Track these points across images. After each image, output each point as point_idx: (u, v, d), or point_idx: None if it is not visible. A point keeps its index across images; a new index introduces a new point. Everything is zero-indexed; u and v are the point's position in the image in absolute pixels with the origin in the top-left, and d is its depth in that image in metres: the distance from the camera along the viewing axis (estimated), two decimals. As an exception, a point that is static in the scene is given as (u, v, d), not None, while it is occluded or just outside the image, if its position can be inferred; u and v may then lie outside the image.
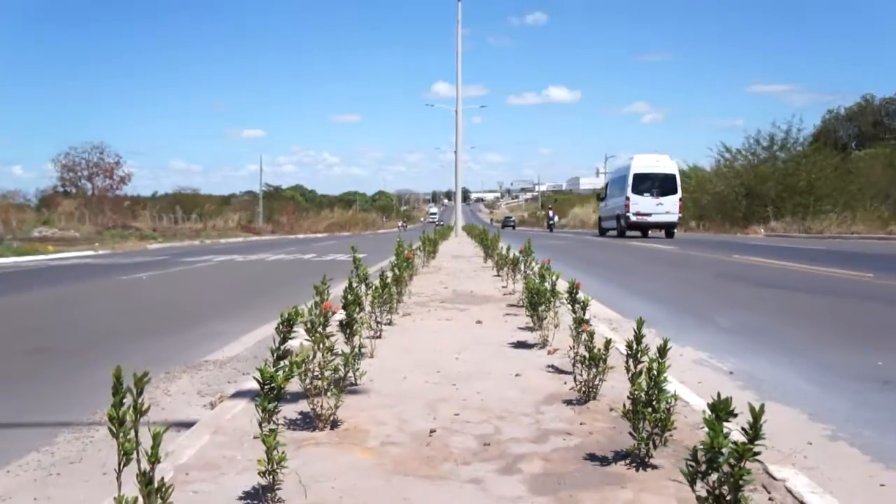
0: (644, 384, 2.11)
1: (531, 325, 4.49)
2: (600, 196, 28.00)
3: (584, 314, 3.26)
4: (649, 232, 22.36)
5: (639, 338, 2.24)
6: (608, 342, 2.82)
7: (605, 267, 12.39)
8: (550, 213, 41.28)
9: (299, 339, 3.50)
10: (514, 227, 60.35)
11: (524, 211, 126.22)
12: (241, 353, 4.68)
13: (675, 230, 21.65)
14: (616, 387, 3.10)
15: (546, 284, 4.32)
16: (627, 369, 2.25)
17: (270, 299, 7.94)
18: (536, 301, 4.19)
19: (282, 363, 1.93)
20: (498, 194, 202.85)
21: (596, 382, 2.93)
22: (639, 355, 2.23)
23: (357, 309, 3.36)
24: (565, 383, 3.29)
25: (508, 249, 7.95)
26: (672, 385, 3.11)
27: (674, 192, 20.46)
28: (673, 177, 20.69)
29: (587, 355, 2.90)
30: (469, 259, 13.49)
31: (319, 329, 2.63)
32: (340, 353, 2.97)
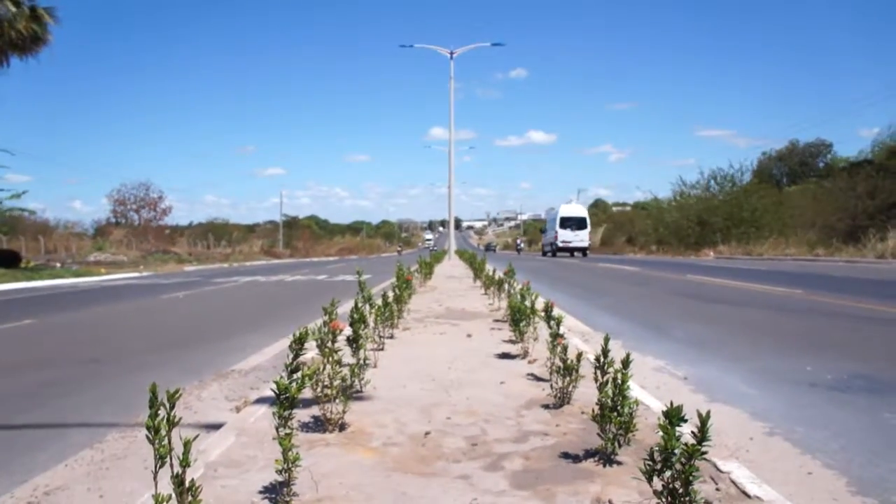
0: (610, 391, 2.10)
1: (514, 338, 4.47)
2: (542, 230, 36.70)
3: (558, 329, 3.26)
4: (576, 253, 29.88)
5: (605, 351, 2.24)
6: (580, 355, 2.81)
7: (577, 285, 12.39)
8: (519, 241, 50.90)
9: (312, 353, 3.48)
10: (494, 250, 69.76)
11: (508, 237, 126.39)
12: (262, 363, 4.64)
13: (589, 252, 29.64)
14: (587, 392, 3.09)
15: (526, 303, 4.32)
16: (596, 379, 2.25)
17: (288, 315, 7.89)
18: (518, 318, 4.19)
19: (295, 376, 1.92)
20: (486, 222, 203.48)
21: (569, 389, 2.92)
22: (605, 367, 2.23)
23: (362, 326, 3.34)
24: (543, 390, 3.27)
25: (494, 272, 7.94)
26: (634, 391, 3.10)
27: (585, 227, 28.48)
28: (584, 218, 28.74)
29: (562, 366, 2.90)
30: (460, 280, 13.48)
31: (329, 345, 2.62)
32: (347, 364, 2.95)
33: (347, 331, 3.69)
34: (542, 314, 3.49)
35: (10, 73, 18.20)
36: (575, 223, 28.50)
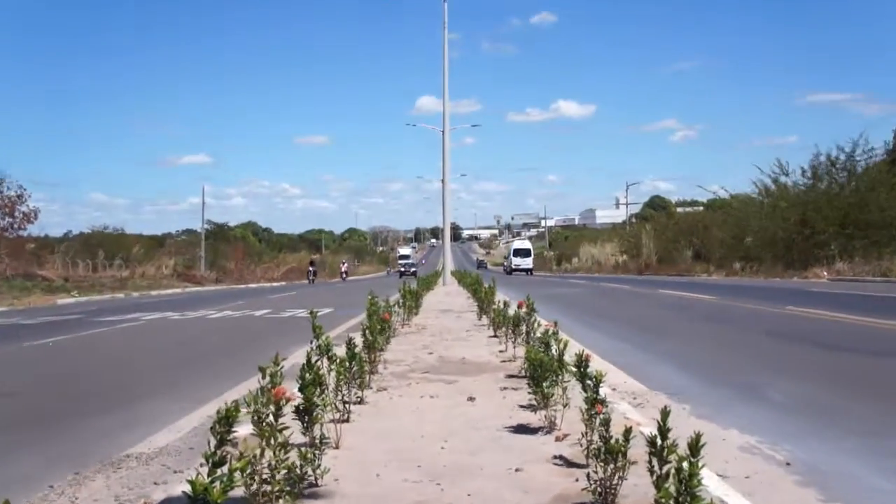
0: (673, 488, 2.11)
1: (535, 402, 4.48)
2: (505, 256, 69.27)
3: (597, 391, 3.27)
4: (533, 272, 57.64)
5: (664, 431, 2.25)
6: (628, 430, 2.81)
7: (627, 322, 12.44)
8: (511, 255, 63.91)
9: (246, 429, 3.48)
10: (486, 267, 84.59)
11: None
12: (172, 444, 4.61)
13: (533, 272, 57.41)
14: (640, 486, 3.09)
15: (552, 352, 4.32)
16: (651, 469, 2.25)
17: (212, 371, 7.85)
18: (540, 375, 4.19)
19: (219, 471, 1.92)
20: (496, 231, 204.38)
21: (614, 482, 2.92)
22: (666, 451, 2.23)
23: (317, 390, 3.35)
24: (577, 480, 3.27)
25: (507, 305, 7.96)
26: (711, 486, 3.11)
27: (529, 255, 60.26)
28: (529, 249, 61.95)
29: (603, 446, 2.89)
30: (459, 315, 13.49)
31: (269, 420, 2.62)
32: (297, 445, 2.95)
33: (297, 398, 3.69)
34: (575, 370, 3.50)
35: None
36: (523, 253, 61.16)
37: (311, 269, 48.67)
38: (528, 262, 59.15)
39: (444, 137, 31.87)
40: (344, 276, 53.83)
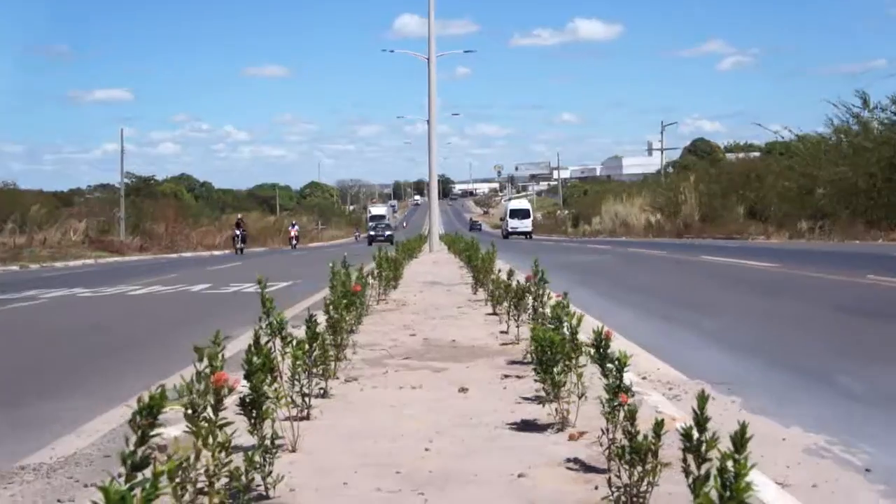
0: (715, 494, 2.11)
1: (543, 393, 4.50)
2: (501, 217, 70.86)
3: (621, 376, 3.28)
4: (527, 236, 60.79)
5: (702, 421, 2.25)
6: (659, 424, 2.82)
7: (658, 297, 12.49)
8: (505, 218, 67.86)
9: (176, 429, 3.48)
10: (480, 228, 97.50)
11: (536, 209, 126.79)
12: (82, 451, 4.60)
13: (533, 235, 62.39)
14: (676, 494, 3.11)
15: (564, 330, 4.33)
16: (686, 471, 2.26)
17: (135, 361, 7.84)
18: (549, 358, 4.20)
19: (140, 475, 1.91)
20: (496, 185, 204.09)
21: (643, 488, 2.93)
22: (703, 448, 2.24)
23: (269, 378, 3.34)
24: (596, 488, 3.30)
25: (511, 274, 7.97)
26: (766, 494, 3.14)
27: (528, 217, 63.76)
28: (528, 210, 65.27)
29: (628, 445, 2.91)
30: (449, 288, 13.52)
31: (207, 414, 2.61)
32: (242, 448, 2.95)
33: (242, 387, 3.68)
34: (593, 350, 3.51)
35: None
36: (521, 214, 64.55)
37: (237, 232, 42.53)
38: (526, 225, 63.22)
39: (430, 66, 31.67)
40: (294, 242, 53.03)
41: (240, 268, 25.00)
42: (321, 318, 5.40)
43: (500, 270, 10.03)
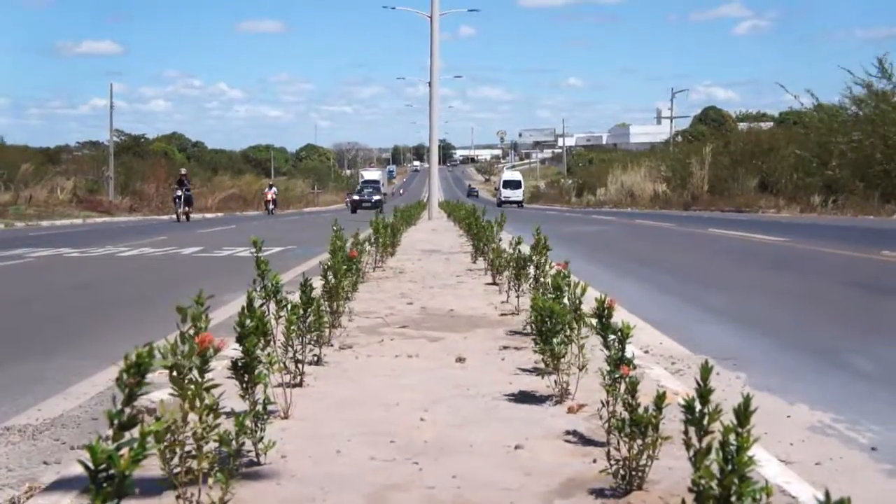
0: (716, 467, 2.13)
1: (543, 365, 4.53)
2: (496, 187, 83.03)
3: (623, 348, 3.30)
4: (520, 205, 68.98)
5: (705, 392, 2.27)
6: (661, 397, 2.84)
7: (664, 270, 12.52)
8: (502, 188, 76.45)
9: (164, 393, 3.51)
10: (477, 195, 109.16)
11: (539, 178, 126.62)
12: (69, 413, 4.64)
13: (537, 205, 73.85)
14: (676, 469, 3.14)
15: (565, 300, 4.34)
16: (687, 444, 2.28)
17: (124, 323, 7.87)
18: (550, 328, 4.22)
19: (128, 434, 1.92)
20: (498, 152, 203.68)
21: (643, 462, 2.96)
22: (706, 420, 2.25)
23: (261, 342, 3.35)
24: (594, 461, 3.32)
25: (515, 243, 7.97)
26: (769, 470, 3.16)
27: (520, 187, 75.83)
28: (519, 181, 77.50)
29: (628, 417, 2.93)
30: (448, 257, 13.54)
31: (193, 376, 2.62)
32: (232, 413, 2.97)
33: (232, 350, 3.69)
34: (595, 321, 3.52)
35: None
36: (513, 184, 75.03)
37: (178, 193, 36.50)
38: (517, 195, 73.51)
39: (433, 25, 31.46)
40: (271, 206, 50.06)
41: (234, 231, 25.01)
42: (317, 284, 5.41)
43: (500, 239, 10.03)
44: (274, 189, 53.54)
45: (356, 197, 51.81)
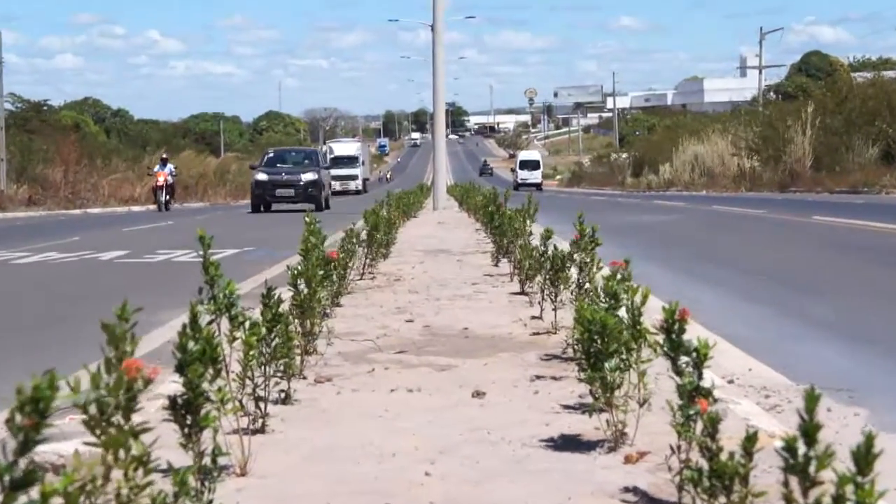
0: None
1: (590, 400, 4.52)
2: (512, 169, 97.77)
3: (699, 375, 3.29)
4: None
5: (811, 428, 2.26)
6: (751, 438, 2.84)
7: (754, 273, 12.53)
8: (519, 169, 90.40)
9: (76, 442, 3.51)
10: (491, 173, 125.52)
11: (583, 152, 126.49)
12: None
13: (543, 187, 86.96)
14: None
15: (621, 312, 4.33)
16: (787, 499, 2.27)
17: (19, 351, 7.87)
18: (600, 350, 4.20)
19: (23, 498, 1.93)
20: (527, 118, 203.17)
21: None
22: (812, 466, 2.25)
23: (210, 372, 3.35)
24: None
25: (548, 239, 7.91)
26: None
27: (538, 168, 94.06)
28: (538, 161, 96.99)
29: (708, 469, 2.92)
30: (461, 258, 13.56)
31: (118, 419, 2.63)
32: (169, 471, 2.97)
33: (171, 383, 3.69)
34: (661, 338, 3.51)
35: None
36: (531, 165, 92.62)
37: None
38: (535, 176, 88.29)
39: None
40: (165, 197, 42.05)
41: (171, 228, 25.05)
42: (285, 297, 5.38)
43: (531, 234, 10.00)
44: (170, 168, 44.97)
45: (263, 177, 37.30)
